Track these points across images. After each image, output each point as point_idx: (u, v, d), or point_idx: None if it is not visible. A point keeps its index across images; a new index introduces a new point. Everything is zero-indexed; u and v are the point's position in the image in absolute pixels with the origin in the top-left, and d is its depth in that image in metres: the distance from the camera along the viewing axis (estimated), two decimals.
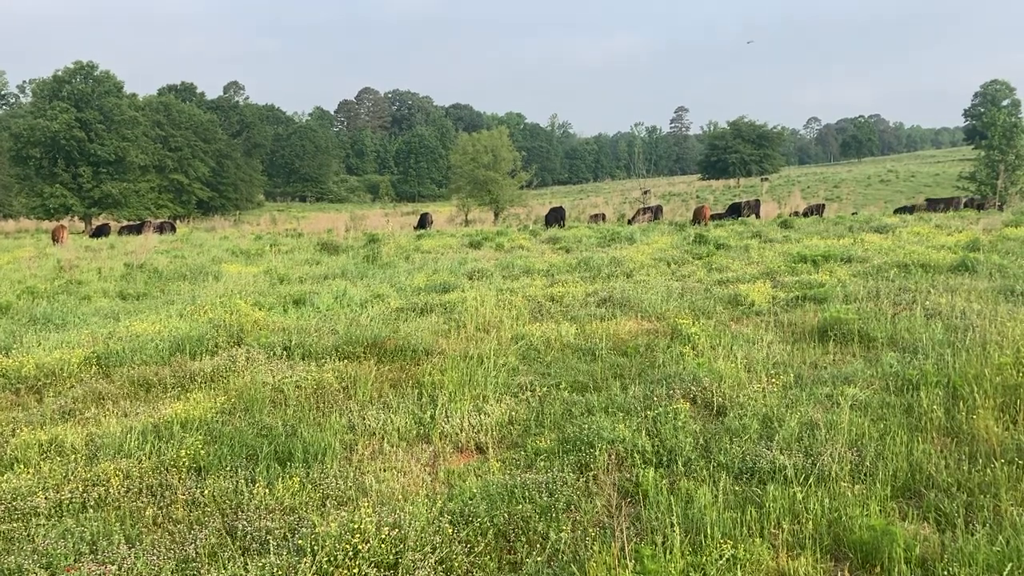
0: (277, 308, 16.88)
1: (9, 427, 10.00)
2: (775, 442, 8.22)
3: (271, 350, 12.87)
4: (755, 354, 11.66)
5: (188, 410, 9.86)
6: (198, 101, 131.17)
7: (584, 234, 34.90)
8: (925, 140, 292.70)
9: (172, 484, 7.87)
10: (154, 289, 22.45)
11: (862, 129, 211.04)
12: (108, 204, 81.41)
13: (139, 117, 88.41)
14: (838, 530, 6.52)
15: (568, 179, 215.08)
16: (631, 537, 6.46)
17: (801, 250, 22.96)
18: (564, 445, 8.53)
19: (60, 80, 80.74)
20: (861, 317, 13.27)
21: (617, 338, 13.18)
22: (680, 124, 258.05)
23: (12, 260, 31.82)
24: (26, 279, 24.59)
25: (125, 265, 27.04)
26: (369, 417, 9.65)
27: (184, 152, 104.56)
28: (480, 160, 70.74)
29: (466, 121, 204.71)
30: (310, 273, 24.28)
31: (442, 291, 18.77)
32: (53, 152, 78.17)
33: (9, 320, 17.57)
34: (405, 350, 12.59)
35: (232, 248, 34.76)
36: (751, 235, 30.94)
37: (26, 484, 7.85)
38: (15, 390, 11.59)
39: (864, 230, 30.79)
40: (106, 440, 9.02)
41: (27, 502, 7.47)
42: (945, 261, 19.15)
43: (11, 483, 7.90)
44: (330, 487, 7.70)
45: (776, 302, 15.68)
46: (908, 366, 10.56)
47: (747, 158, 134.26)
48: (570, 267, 22.95)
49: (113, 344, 13.41)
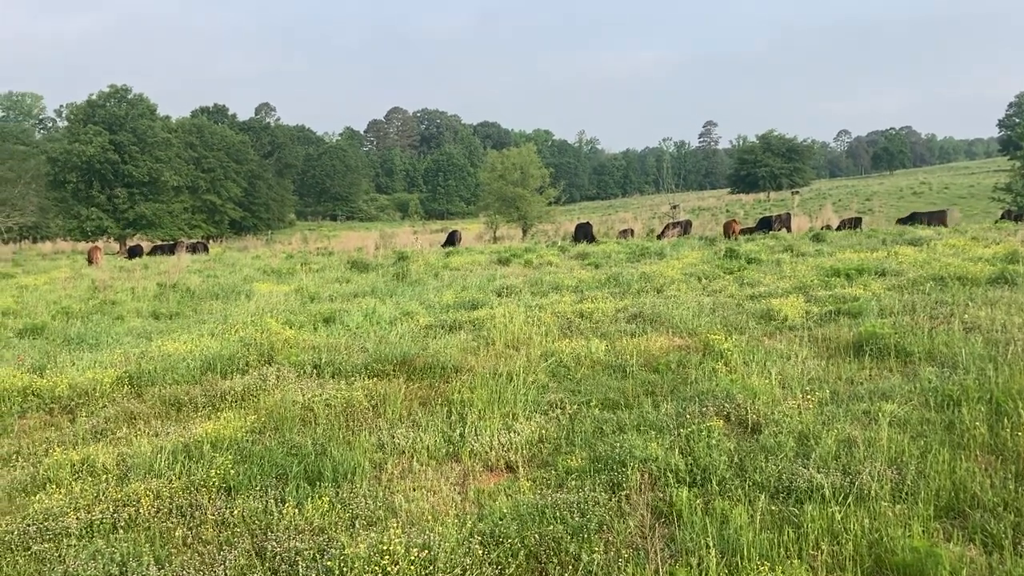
0: (307, 326, 16.93)
1: (42, 447, 10.07)
2: (812, 460, 8.03)
3: (301, 368, 12.88)
4: (789, 370, 11.46)
5: (218, 429, 9.85)
6: (230, 122, 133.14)
7: (613, 249, 34.75)
8: (958, 151, 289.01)
9: (202, 504, 7.85)
10: (186, 308, 22.64)
11: (893, 141, 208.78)
12: (143, 225, 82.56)
13: (172, 139, 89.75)
14: (879, 552, 6.33)
15: (596, 195, 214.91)
16: (665, 559, 6.32)
17: (834, 264, 22.64)
18: (595, 464, 8.40)
19: (94, 104, 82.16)
20: (897, 331, 13.00)
21: (648, 354, 13.02)
22: (709, 138, 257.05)
23: (48, 281, 32.30)
24: (61, 299, 24.93)
25: (158, 285, 27.32)
26: (398, 435, 9.58)
27: (216, 173, 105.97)
28: (508, 177, 70.80)
29: (494, 139, 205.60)
30: (340, 291, 24.36)
31: (471, 308, 18.72)
32: (89, 175, 79.45)
33: (44, 340, 17.79)
34: (434, 368, 12.53)
35: (264, 267, 35.04)
36: (783, 249, 30.61)
37: (58, 504, 7.86)
38: (48, 410, 11.69)
39: (898, 243, 30.34)
40: (137, 460, 9.03)
41: (59, 522, 7.48)
42: (983, 274, 18.76)
43: (43, 503, 7.92)
44: (359, 507, 7.63)
45: (810, 317, 15.43)
46: (948, 381, 10.30)
47: (777, 172, 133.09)
48: (599, 283, 22.81)
49: (145, 364, 13.50)
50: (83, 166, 78.57)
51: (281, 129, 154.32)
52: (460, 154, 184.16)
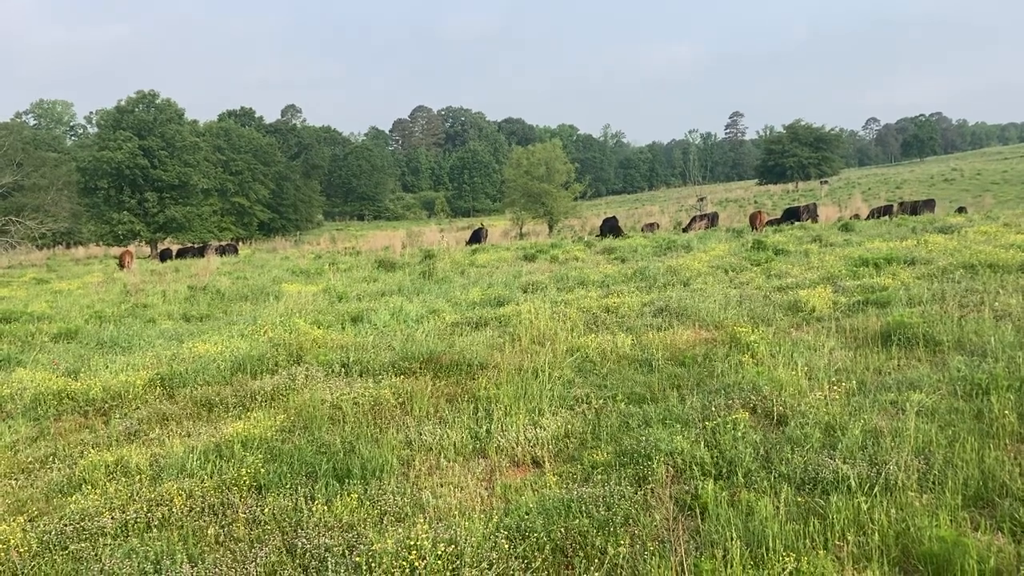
0: (335, 326, 17.08)
1: (77, 449, 10.27)
2: (838, 451, 8.00)
3: (329, 367, 13.01)
4: (816, 361, 11.40)
5: (249, 429, 9.99)
6: (257, 125, 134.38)
7: (639, 243, 34.67)
8: (991, 137, 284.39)
9: (233, 503, 7.97)
10: (217, 310, 22.93)
11: (923, 128, 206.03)
12: (173, 228, 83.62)
13: (200, 142, 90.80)
14: (906, 542, 6.30)
15: (623, 189, 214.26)
16: (691, 551, 6.34)
17: (863, 253, 22.43)
18: (621, 458, 8.42)
19: (123, 110, 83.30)
20: (926, 320, 12.87)
21: (674, 348, 12.99)
22: (735, 129, 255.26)
23: (81, 285, 32.85)
24: (94, 303, 25.34)
25: (189, 287, 27.70)
26: (425, 432, 9.67)
27: (244, 175, 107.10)
28: (534, 173, 70.84)
29: (519, 135, 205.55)
30: (367, 290, 24.54)
31: (497, 305, 18.79)
32: (119, 181, 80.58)
33: (78, 344, 18.11)
34: (460, 364, 12.60)
35: (292, 268, 35.37)
36: (810, 239, 30.37)
37: (93, 504, 8.02)
38: (83, 412, 11.91)
39: (928, 231, 29.99)
40: (169, 460, 9.19)
41: (94, 522, 7.64)
42: (1015, 261, 18.49)
43: (79, 504, 8.09)
44: (387, 503, 7.71)
45: (837, 307, 15.32)
46: (977, 370, 10.18)
47: (805, 161, 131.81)
48: (625, 277, 22.78)
49: (176, 365, 13.70)
50: (113, 172, 79.69)
51: (307, 130, 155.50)
52: (485, 151, 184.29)
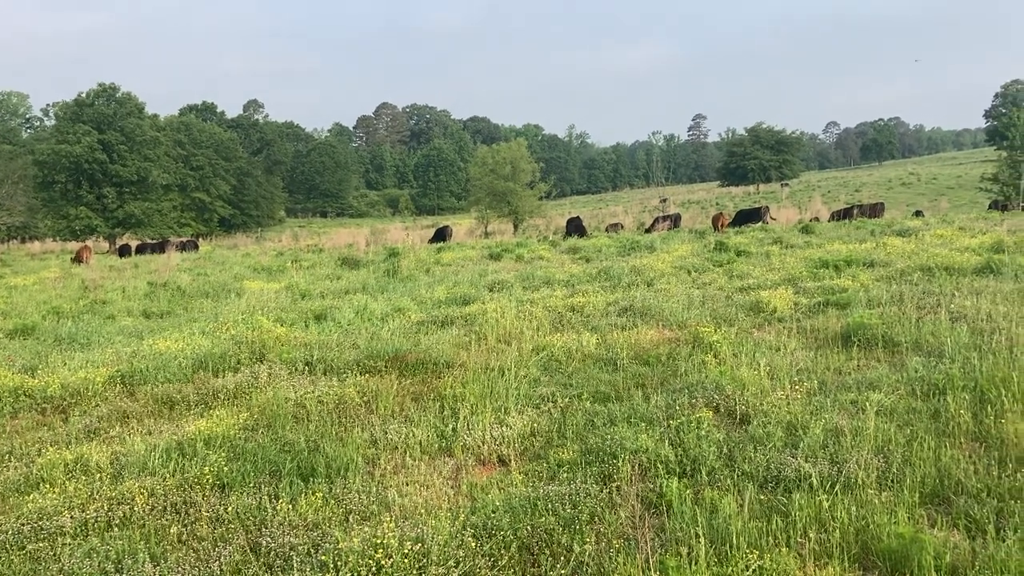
0: (299, 324, 16.96)
1: (35, 447, 10.08)
2: (800, 450, 8.13)
3: (293, 366, 12.92)
4: (778, 361, 11.56)
5: (211, 427, 9.88)
6: (218, 120, 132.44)
7: (604, 244, 34.85)
8: (946, 142, 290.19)
9: (196, 501, 7.89)
10: (177, 307, 22.64)
11: (882, 132, 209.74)
12: (132, 224, 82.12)
13: (160, 137, 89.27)
14: (866, 538, 6.43)
15: (587, 189, 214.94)
16: (655, 548, 6.40)
17: (823, 255, 22.80)
18: (587, 456, 8.48)
19: (82, 103, 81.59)
20: (885, 322, 13.12)
21: (639, 347, 13.10)
22: (698, 132, 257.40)
23: (38, 281, 32.19)
24: (51, 299, 24.88)
25: (149, 284, 27.31)
26: (391, 431, 9.64)
27: (205, 171, 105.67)
28: (499, 172, 70.77)
29: (484, 134, 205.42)
30: (331, 288, 24.39)
31: (462, 303, 18.78)
32: (77, 175, 78.95)
33: (35, 341, 17.77)
34: (426, 363, 12.59)
35: (254, 265, 35.02)
36: (772, 241, 30.76)
37: (52, 503, 7.88)
38: (41, 410, 11.70)
39: (886, 234, 30.52)
40: (131, 458, 9.07)
41: (53, 521, 7.51)
42: (969, 264, 18.92)
43: (37, 503, 7.94)
44: (353, 502, 7.68)
45: (798, 308, 15.55)
46: (934, 371, 10.41)
47: (766, 164, 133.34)
48: (590, 277, 22.90)
49: (137, 363, 13.52)
50: (71, 166, 78.05)
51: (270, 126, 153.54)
52: (450, 149, 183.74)
